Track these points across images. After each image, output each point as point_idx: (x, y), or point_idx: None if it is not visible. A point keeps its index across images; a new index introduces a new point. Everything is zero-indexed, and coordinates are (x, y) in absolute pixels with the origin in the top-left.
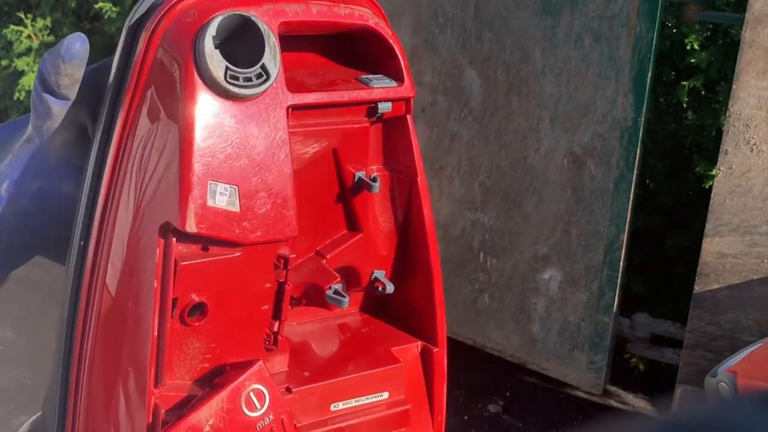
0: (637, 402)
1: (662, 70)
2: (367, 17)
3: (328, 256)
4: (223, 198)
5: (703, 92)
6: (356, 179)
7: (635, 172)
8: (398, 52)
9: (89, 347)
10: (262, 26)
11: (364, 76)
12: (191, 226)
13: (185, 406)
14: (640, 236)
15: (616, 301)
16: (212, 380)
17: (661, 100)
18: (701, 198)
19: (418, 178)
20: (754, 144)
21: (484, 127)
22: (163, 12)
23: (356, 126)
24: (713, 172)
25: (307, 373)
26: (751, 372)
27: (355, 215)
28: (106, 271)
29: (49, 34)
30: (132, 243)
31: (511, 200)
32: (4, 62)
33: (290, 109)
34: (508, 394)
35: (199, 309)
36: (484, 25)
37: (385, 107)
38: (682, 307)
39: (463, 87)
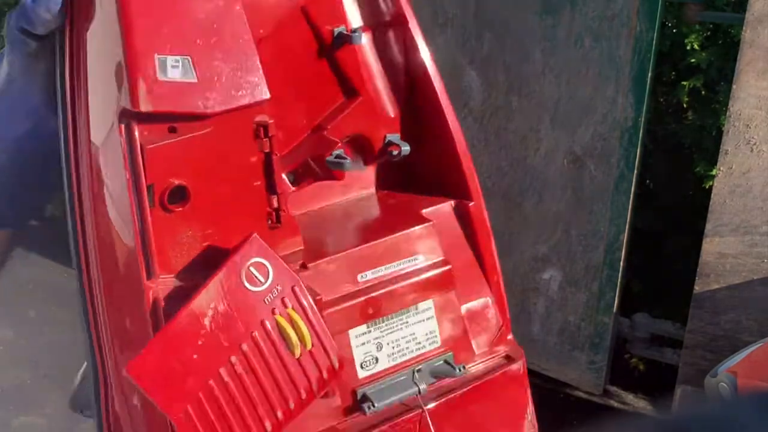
0: (637, 402)
1: (662, 70)
2: None
3: (328, 127)
4: (175, 70)
5: (703, 92)
6: (335, 35)
7: (635, 172)
8: None
9: (94, 258)
10: None
11: None
12: (145, 104)
13: (179, 296)
14: (640, 236)
15: (616, 301)
16: (203, 271)
17: (661, 100)
18: (701, 198)
19: (410, 25)
20: (754, 144)
21: (484, 128)
22: None
23: None
24: (713, 172)
25: (325, 248)
26: (751, 372)
27: (347, 79)
28: (86, 179)
29: None
30: (98, 139)
31: (511, 200)
32: None
33: None
34: None
35: (180, 193)
36: (484, 25)
37: None
38: (682, 307)
39: (463, 87)
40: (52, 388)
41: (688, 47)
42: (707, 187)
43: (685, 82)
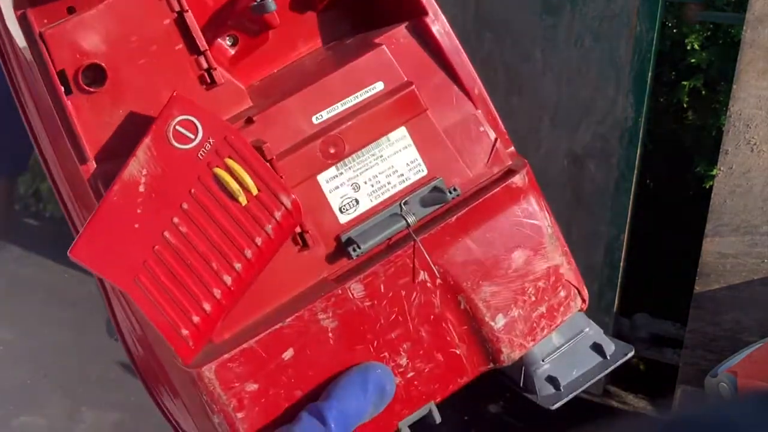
0: (637, 402)
1: (662, 70)
2: None
3: None
4: None
5: (703, 92)
6: None
7: (635, 172)
8: None
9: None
10: None
11: None
12: None
13: (113, 175)
14: (640, 236)
15: (616, 301)
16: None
17: (661, 100)
18: (701, 198)
19: None
20: (755, 144)
21: None
22: None
23: None
24: (713, 172)
25: (273, 100)
26: (751, 372)
27: None
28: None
29: None
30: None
31: None
32: None
33: None
34: (508, 394)
35: (95, 73)
36: (484, 25)
37: None
38: (682, 307)
39: None
40: (52, 388)
41: (688, 47)
42: (707, 187)
43: (685, 82)
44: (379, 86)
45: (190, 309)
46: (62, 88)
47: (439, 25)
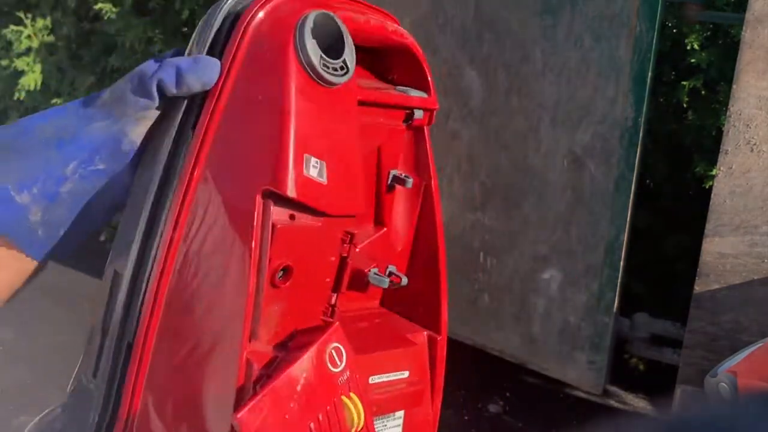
0: (637, 402)
1: (662, 70)
2: (407, 35)
3: (360, 246)
4: (315, 170)
5: (703, 92)
6: (391, 176)
7: (635, 172)
8: (426, 68)
9: (150, 318)
10: (343, 27)
11: (401, 86)
12: (292, 191)
13: (272, 363)
14: (640, 236)
15: (616, 301)
16: (286, 344)
17: (661, 100)
18: (701, 198)
19: (433, 182)
20: (754, 144)
21: (484, 127)
22: (258, 6)
23: (396, 128)
24: (713, 172)
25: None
26: (751, 372)
27: (383, 211)
28: (176, 246)
29: (49, 34)
30: (223, 210)
31: (511, 200)
32: (4, 62)
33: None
34: (508, 394)
35: (286, 272)
36: (484, 25)
37: (418, 114)
38: (682, 307)
39: (463, 87)
40: (52, 388)
41: (688, 47)
42: (707, 187)
43: (685, 82)
44: (406, 374)
45: None
46: (266, 274)
47: (443, 346)
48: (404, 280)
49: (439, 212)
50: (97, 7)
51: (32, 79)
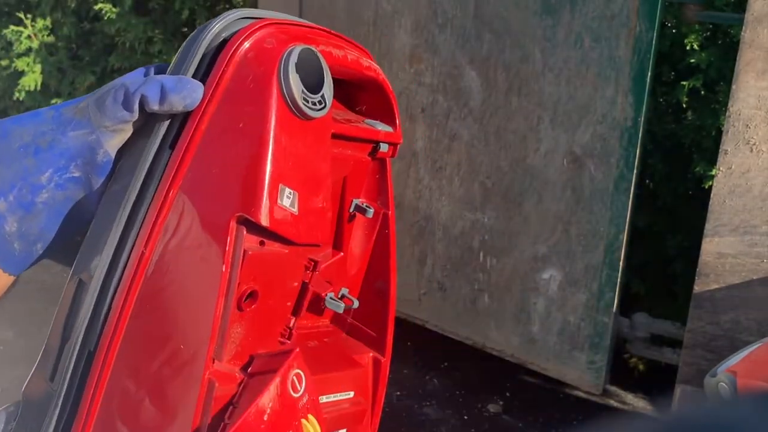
0: (636, 402)
1: (662, 70)
2: (379, 71)
3: (319, 269)
4: (288, 200)
5: (702, 92)
6: (353, 205)
7: (635, 172)
8: (394, 104)
9: (115, 329)
10: (324, 63)
11: (368, 120)
12: (265, 221)
13: (234, 384)
14: (640, 236)
15: (615, 301)
16: (246, 365)
17: (661, 100)
18: (701, 198)
19: (390, 213)
20: (754, 144)
21: (484, 127)
22: (245, 36)
23: (362, 160)
24: (713, 172)
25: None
26: (750, 372)
27: (342, 236)
28: (147, 260)
29: (49, 34)
30: (196, 231)
31: (511, 200)
32: (4, 62)
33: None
34: (508, 394)
35: (252, 296)
36: (484, 25)
37: (384, 147)
38: (681, 307)
39: (462, 87)
40: None
41: (688, 47)
42: (707, 187)
43: (684, 82)
44: (351, 394)
45: None
46: (234, 297)
47: (386, 367)
48: (356, 303)
49: (393, 240)
50: (97, 7)
51: (32, 79)
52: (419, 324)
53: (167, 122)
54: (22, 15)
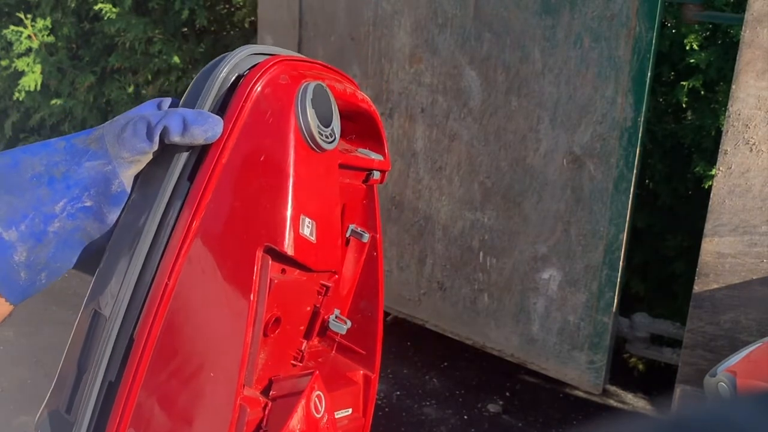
0: (636, 402)
1: (662, 70)
2: (371, 103)
3: (330, 293)
4: (308, 229)
5: (702, 92)
6: (350, 230)
7: (635, 172)
8: (383, 134)
9: (140, 361)
10: (332, 97)
11: (362, 149)
12: (290, 249)
13: (262, 409)
14: (640, 236)
15: (615, 301)
16: (268, 389)
17: (661, 100)
18: (701, 198)
19: (378, 236)
20: (754, 144)
21: (484, 127)
22: (261, 72)
23: (357, 187)
24: (712, 172)
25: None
26: (750, 372)
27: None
28: (171, 291)
29: (49, 35)
30: (220, 261)
31: (510, 200)
32: (4, 62)
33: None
34: (508, 393)
35: (276, 322)
36: (484, 25)
37: (376, 175)
38: (681, 307)
39: (462, 87)
40: None
41: (688, 47)
42: (706, 186)
43: (684, 82)
44: (350, 411)
45: None
46: (261, 324)
47: (375, 383)
48: (349, 324)
49: (381, 261)
50: (97, 7)
51: (32, 79)
52: (419, 324)
53: (186, 154)
54: (22, 15)
